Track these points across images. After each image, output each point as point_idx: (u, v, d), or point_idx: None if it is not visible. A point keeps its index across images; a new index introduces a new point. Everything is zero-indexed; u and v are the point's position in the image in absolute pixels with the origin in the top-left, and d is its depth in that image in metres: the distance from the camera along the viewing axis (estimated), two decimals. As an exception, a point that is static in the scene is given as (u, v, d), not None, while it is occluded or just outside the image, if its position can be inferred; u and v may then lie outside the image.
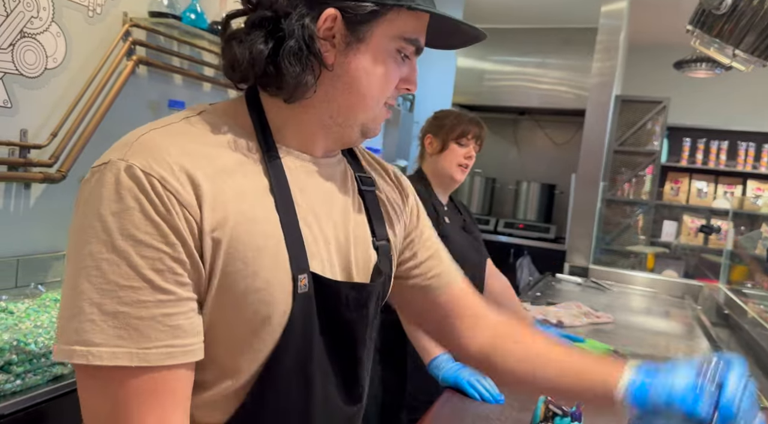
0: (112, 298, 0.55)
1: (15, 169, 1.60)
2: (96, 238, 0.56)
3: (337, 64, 0.68)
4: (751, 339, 2.32)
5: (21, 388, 1.32)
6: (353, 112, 0.72)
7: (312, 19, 0.65)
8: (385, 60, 0.71)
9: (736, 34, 1.56)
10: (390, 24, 0.69)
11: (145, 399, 0.56)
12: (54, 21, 1.67)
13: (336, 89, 0.69)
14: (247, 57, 0.66)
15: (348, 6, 0.65)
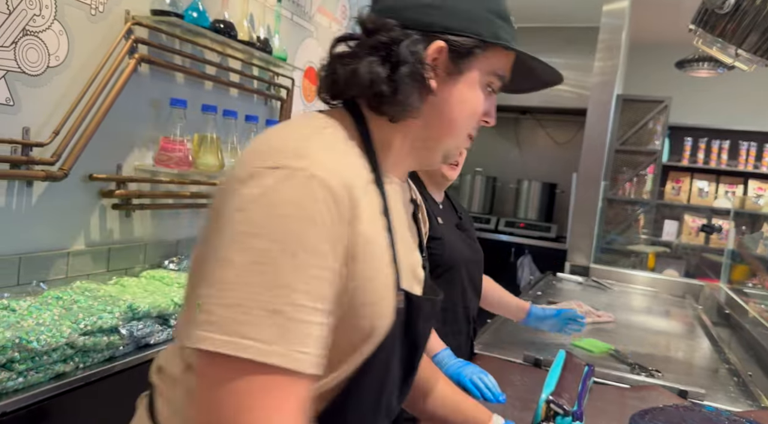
0: (277, 297, 0.57)
1: (17, 167, 1.60)
2: (270, 237, 0.58)
3: (439, 91, 0.75)
4: (752, 339, 2.32)
5: (23, 386, 1.32)
6: (443, 137, 0.79)
7: (422, 48, 0.73)
8: (477, 92, 0.78)
9: (739, 33, 1.56)
10: (486, 60, 0.77)
11: (278, 402, 0.57)
12: (56, 19, 1.67)
13: (432, 114, 0.76)
14: (366, 77, 0.72)
15: (454, 40, 0.74)
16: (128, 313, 1.59)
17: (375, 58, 0.72)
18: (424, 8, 0.74)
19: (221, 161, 2.18)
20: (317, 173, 0.61)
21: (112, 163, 1.92)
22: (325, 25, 3.13)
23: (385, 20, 0.73)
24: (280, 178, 0.60)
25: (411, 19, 0.74)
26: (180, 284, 1.95)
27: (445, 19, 0.74)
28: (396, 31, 0.73)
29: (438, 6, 0.74)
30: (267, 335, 0.56)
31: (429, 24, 0.74)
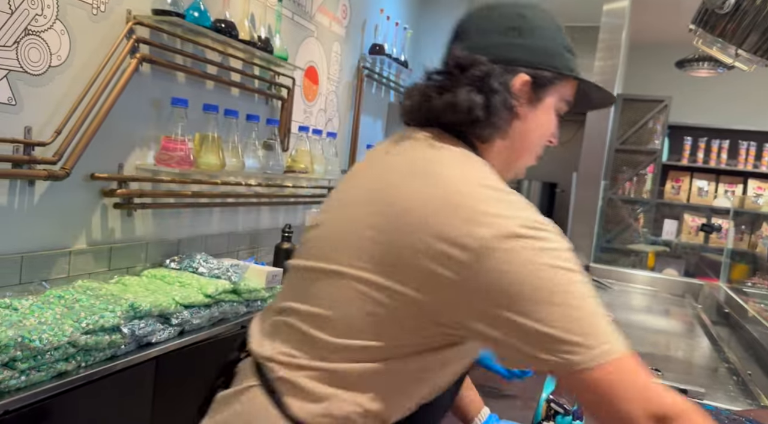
0: (599, 308, 0.72)
1: (19, 167, 1.60)
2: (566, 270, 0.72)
3: (523, 117, 0.88)
4: (752, 338, 2.33)
5: (25, 384, 1.33)
6: (520, 157, 0.92)
7: (509, 80, 0.85)
8: (550, 118, 0.91)
9: (739, 33, 1.56)
10: (560, 89, 0.90)
11: (641, 372, 0.72)
12: (58, 18, 1.67)
13: (515, 137, 0.88)
14: (465, 104, 0.83)
15: (536, 73, 0.86)
16: (130, 312, 1.60)
17: (471, 88, 0.84)
18: (508, 46, 0.86)
19: (222, 161, 2.18)
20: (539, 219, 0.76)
21: (114, 163, 1.93)
22: (326, 24, 3.13)
23: (476, 56, 0.85)
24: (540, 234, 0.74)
25: (496, 55, 0.86)
26: (181, 282, 1.95)
27: (528, 54, 0.86)
28: (486, 65, 0.84)
29: (520, 44, 0.86)
30: (614, 335, 0.72)
31: (513, 59, 0.86)
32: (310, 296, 0.82)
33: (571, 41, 0.91)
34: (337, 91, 3.37)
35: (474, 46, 0.87)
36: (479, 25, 0.90)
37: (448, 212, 0.73)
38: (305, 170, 2.78)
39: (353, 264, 0.78)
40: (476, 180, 0.78)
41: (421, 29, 4.36)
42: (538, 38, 0.87)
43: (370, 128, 3.81)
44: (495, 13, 0.90)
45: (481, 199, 0.75)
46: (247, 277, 2.13)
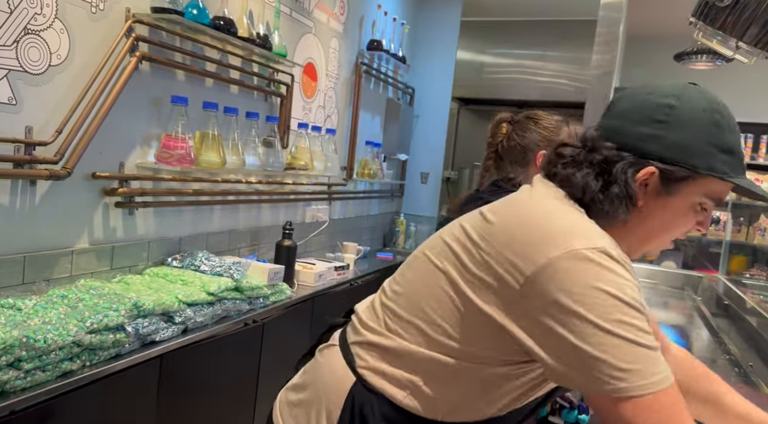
0: (647, 340, 0.72)
1: (20, 167, 1.60)
2: (619, 302, 0.73)
3: (646, 207, 0.85)
4: (752, 329, 2.34)
5: (31, 384, 1.33)
6: (646, 243, 0.90)
7: (634, 171, 0.83)
8: (685, 213, 0.86)
9: (740, 26, 1.56)
10: (699, 185, 0.84)
11: (679, 406, 0.73)
12: (57, 17, 1.66)
13: (638, 226, 0.86)
14: (580, 186, 0.84)
15: (665, 168, 0.82)
16: (133, 311, 1.60)
17: (590, 171, 0.84)
18: (645, 137, 0.84)
19: (223, 158, 2.18)
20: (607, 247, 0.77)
21: (115, 162, 1.92)
22: (324, 20, 3.13)
23: (604, 142, 0.85)
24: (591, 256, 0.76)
25: (629, 143, 0.84)
26: (184, 281, 1.95)
27: (662, 149, 0.83)
28: (612, 152, 0.84)
29: (658, 137, 0.83)
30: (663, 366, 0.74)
31: (646, 152, 0.83)
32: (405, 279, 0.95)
33: (735, 140, 0.86)
34: (336, 88, 3.36)
35: (610, 129, 0.87)
36: (626, 106, 0.88)
37: (530, 231, 0.79)
38: (305, 167, 2.78)
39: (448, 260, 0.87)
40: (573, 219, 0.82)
41: (419, 25, 4.36)
42: (681, 134, 0.83)
43: (368, 124, 3.81)
44: (646, 98, 0.87)
45: (562, 224, 0.80)
46: (249, 274, 2.13)
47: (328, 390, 0.92)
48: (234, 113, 2.29)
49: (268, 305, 2.19)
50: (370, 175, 3.62)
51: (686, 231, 0.89)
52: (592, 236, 0.78)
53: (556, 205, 0.85)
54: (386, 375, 0.88)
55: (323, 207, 3.35)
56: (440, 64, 4.29)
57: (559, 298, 0.73)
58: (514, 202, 0.89)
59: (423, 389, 0.87)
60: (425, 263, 0.90)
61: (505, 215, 0.85)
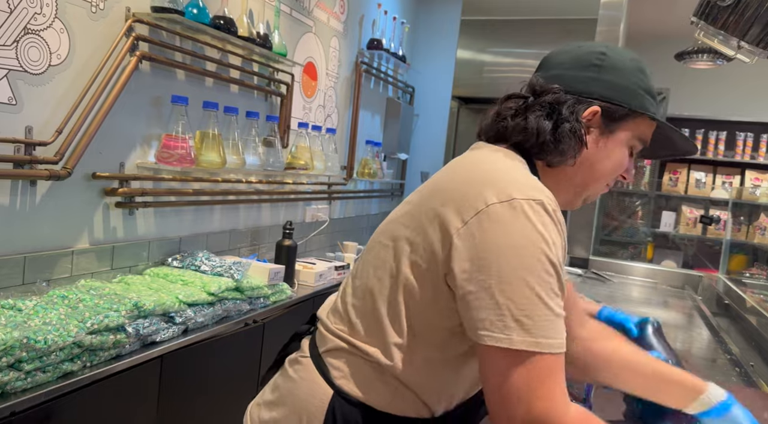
0: (554, 302, 0.76)
1: (21, 167, 1.59)
2: (544, 258, 0.76)
3: (590, 146, 0.91)
4: (752, 328, 2.34)
5: (31, 385, 1.33)
6: (588, 185, 0.95)
7: (581, 109, 0.90)
8: (621, 151, 0.94)
9: (741, 25, 1.56)
10: (633, 125, 0.93)
11: (560, 374, 0.77)
12: (57, 17, 1.66)
13: (583, 165, 0.92)
14: (534, 129, 0.89)
15: (608, 106, 0.91)
16: (134, 311, 1.60)
17: (541, 113, 0.90)
18: (584, 79, 0.92)
19: (223, 158, 2.18)
20: (548, 202, 0.80)
21: (115, 162, 1.92)
22: (324, 19, 3.12)
23: (552, 85, 0.91)
24: (527, 207, 0.79)
25: (572, 86, 0.91)
26: (184, 281, 1.95)
27: (603, 89, 0.91)
28: (560, 94, 0.90)
29: (596, 78, 0.92)
30: (554, 333, 0.76)
31: (589, 92, 0.91)
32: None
33: (654, 89, 0.95)
34: (336, 87, 3.36)
35: (551, 76, 0.94)
36: (562, 58, 0.96)
37: (472, 183, 0.83)
38: (305, 167, 2.78)
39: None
40: (513, 171, 0.86)
41: (419, 24, 4.35)
42: (616, 76, 0.92)
43: (369, 124, 3.81)
44: (579, 49, 0.95)
45: (503, 175, 0.84)
46: (249, 274, 2.13)
47: (306, 407, 0.90)
48: (234, 113, 2.28)
49: (268, 305, 2.19)
50: (370, 175, 3.62)
51: (618, 174, 0.96)
52: (532, 188, 0.81)
53: (499, 157, 0.90)
54: (364, 382, 0.88)
55: (323, 207, 3.35)
56: (440, 63, 4.29)
57: (488, 242, 0.77)
58: (455, 163, 0.93)
59: (403, 391, 0.87)
60: (375, 247, 0.93)
61: (446, 174, 0.90)
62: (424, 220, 0.85)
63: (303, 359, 0.96)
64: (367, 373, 0.88)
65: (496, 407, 0.77)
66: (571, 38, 4.86)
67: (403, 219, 0.90)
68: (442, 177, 0.91)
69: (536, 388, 0.74)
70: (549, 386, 0.74)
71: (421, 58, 4.34)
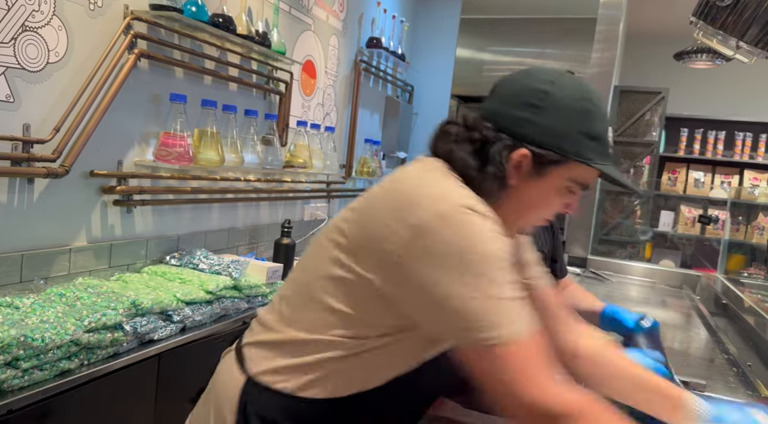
0: (509, 291, 0.78)
1: (18, 165, 1.59)
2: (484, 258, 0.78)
3: (518, 187, 0.90)
4: (750, 328, 2.34)
5: (28, 383, 1.33)
6: (518, 219, 0.95)
7: (509, 152, 0.88)
8: (554, 194, 0.93)
9: (740, 25, 1.56)
10: (567, 169, 0.90)
11: (541, 354, 0.79)
12: (55, 14, 1.66)
13: (512, 202, 0.92)
14: (460, 162, 0.89)
15: (538, 152, 0.88)
16: (132, 309, 1.60)
17: (470, 149, 0.89)
18: (519, 120, 0.89)
19: (221, 156, 2.17)
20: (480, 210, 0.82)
21: (113, 160, 1.92)
22: (323, 18, 3.12)
23: (483, 123, 0.90)
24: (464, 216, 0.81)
25: (506, 126, 0.89)
26: (182, 279, 1.95)
27: (535, 133, 0.88)
28: (490, 132, 0.89)
29: (532, 121, 0.88)
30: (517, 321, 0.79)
31: (521, 135, 0.88)
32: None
33: (603, 128, 0.91)
34: (335, 86, 3.35)
35: (490, 111, 0.92)
36: (505, 91, 0.93)
37: (403, 197, 0.85)
38: (304, 165, 2.77)
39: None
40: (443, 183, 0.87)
41: (418, 22, 4.35)
42: (553, 119, 0.88)
43: (367, 122, 3.81)
44: (524, 83, 0.92)
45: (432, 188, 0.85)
46: (247, 273, 2.13)
47: (221, 396, 0.94)
48: (233, 111, 2.28)
49: (266, 303, 2.19)
50: (369, 173, 3.61)
51: (555, 211, 0.96)
52: (458, 196, 0.82)
53: (429, 172, 0.90)
54: (278, 369, 0.91)
55: (322, 205, 3.34)
56: (440, 61, 4.28)
57: (428, 255, 0.78)
58: (394, 174, 0.94)
59: (316, 375, 0.89)
60: (316, 244, 0.96)
61: (385, 185, 0.91)
62: (362, 233, 0.86)
63: (227, 354, 1.01)
64: (282, 358, 0.91)
65: (500, 400, 0.79)
66: (570, 37, 4.86)
67: (343, 224, 0.91)
68: (380, 189, 0.92)
69: (517, 379, 0.76)
70: (529, 374, 0.76)
71: (421, 56, 4.34)
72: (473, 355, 0.79)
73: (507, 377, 0.76)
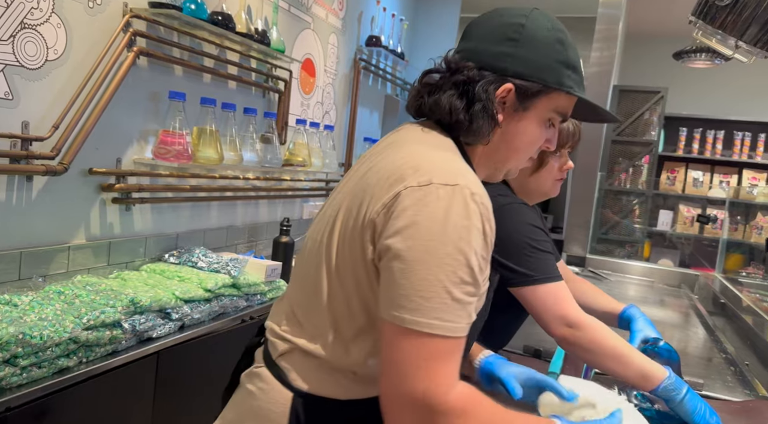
0: (458, 288, 0.75)
1: (17, 162, 1.59)
2: (452, 243, 0.75)
3: (504, 124, 0.91)
4: (748, 328, 2.35)
5: (27, 381, 1.33)
6: (507, 161, 0.96)
7: (494, 88, 0.89)
8: (538, 126, 0.94)
9: (739, 25, 1.56)
10: (549, 100, 0.92)
11: (450, 357, 0.77)
12: (54, 12, 1.65)
13: (499, 141, 0.93)
14: (447, 107, 0.89)
15: (521, 84, 0.89)
16: (130, 307, 1.60)
17: (454, 92, 0.89)
18: (499, 55, 0.90)
19: (220, 154, 2.17)
20: (475, 191, 0.79)
21: (112, 157, 1.92)
22: (323, 16, 3.12)
23: (466, 62, 0.90)
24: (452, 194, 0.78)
25: (487, 62, 0.90)
26: (181, 277, 1.95)
27: (516, 65, 0.89)
28: (473, 72, 0.89)
29: (511, 54, 0.89)
30: (454, 317, 0.76)
31: (502, 69, 0.89)
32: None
33: (576, 58, 0.94)
34: (334, 84, 3.35)
35: (469, 50, 0.92)
36: (481, 30, 0.94)
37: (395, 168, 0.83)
38: (303, 163, 2.77)
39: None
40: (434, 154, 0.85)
41: (418, 21, 4.35)
42: (532, 50, 0.90)
43: (367, 121, 3.80)
44: (498, 20, 0.93)
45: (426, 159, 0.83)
46: (246, 271, 2.13)
47: (268, 416, 0.89)
48: (232, 109, 2.28)
49: (265, 301, 2.19)
50: (368, 172, 3.61)
51: (538, 148, 0.97)
52: (451, 173, 0.80)
53: (425, 139, 0.89)
54: (321, 377, 0.88)
55: (321, 203, 3.34)
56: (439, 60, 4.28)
57: (402, 224, 0.77)
58: (383, 147, 0.92)
59: (359, 376, 0.87)
60: (309, 243, 0.94)
61: (372, 160, 0.89)
62: (351, 207, 0.85)
63: (259, 370, 0.95)
64: (318, 368, 0.88)
65: (383, 379, 0.78)
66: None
67: (331, 211, 0.90)
68: (368, 164, 0.90)
69: (421, 367, 0.74)
70: (434, 368, 0.75)
71: (420, 55, 4.33)
72: (392, 329, 0.76)
73: (414, 363, 0.75)
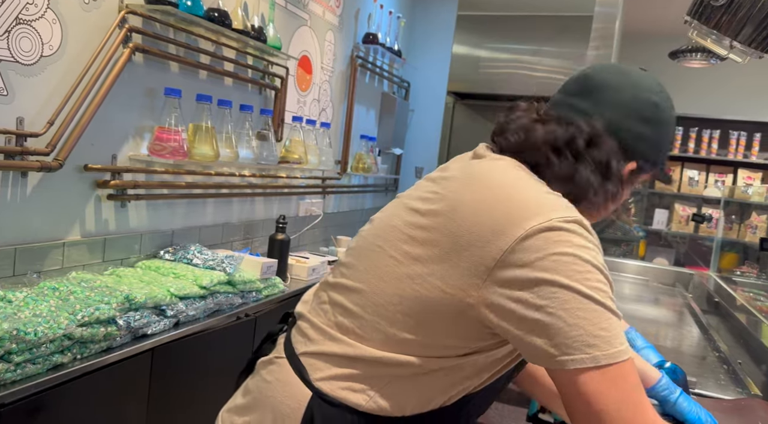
0: (615, 306, 0.75)
1: (11, 158, 1.58)
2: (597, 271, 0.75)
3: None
4: (741, 326, 2.36)
5: (21, 377, 1.32)
6: (595, 217, 0.94)
7: (622, 166, 0.89)
8: (627, 192, 0.96)
9: (734, 25, 1.56)
10: (648, 173, 0.95)
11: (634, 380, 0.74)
12: (50, 7, 1.65)
13: (597, 208, 0.91)
14: (584, 183, 0.86)
15: (643, 165, 0.90)
16: (125, 304, 1.60)
17: (594, 168, 0.86)
18: (638, 135, 0.89)
19: (216, 151, 2.17)
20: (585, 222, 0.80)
21: (107, 154, 1.91)
22: (319, 13, 3.11)
23: (610, 139, 0.87)
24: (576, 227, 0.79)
25: (626, 141, 0.88)
26: (176, 274, 1.95)
27: (647, 147, 0.90)
28: (615, 151, 0.87)
29: (648, 138, 0.90)
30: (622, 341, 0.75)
31: (634, 149, 0.89)
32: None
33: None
34: (331, 81, 3.35)
35: (613, 122, 0.88)
36: (617, 97, 0.90)
37: (501, 204, 0.79)
38: (299, 161, 2.77)
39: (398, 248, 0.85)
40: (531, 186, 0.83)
41: (415, 19, 4.34)
42: (662, 134, 0.91)
43: (363, 118, 3.80)
44: (632, 93, 0.90)
45: (532, 196, 0.81)
46: (241, 268, 2.13)
47: (280, 409, 0.86)
48: (228, 106, 2.27)
49: (260, 299, 2.19)
50: (365, 170, 3.62)
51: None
52: (563, 207, 0.80)
53: (520, 176, 0.85)
54: (346, 383, 0.84)
55: (317, 201, 3.34)
56: (436, 58, 4.28)
57: (536, 268, 0.74)
58: (471, 176, 0.86)
59: (386, 391, 0.84)
60: (377, 252, 0.87)
61: (464, 190, 0.83)
62: (447, 243, 0.79)
63: (278, 360, 0.92)
64: (350, 376, 0.84)
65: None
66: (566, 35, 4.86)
67: (414, 232, 0.83)
68: (461, 193, 0.83)
69: (638, 403, 0.73)
70: (643, 399, 0.74)
71: (417, 53, 4.34)
72: (574, 377, 0.72)
73: (617, 401, 0.72)
